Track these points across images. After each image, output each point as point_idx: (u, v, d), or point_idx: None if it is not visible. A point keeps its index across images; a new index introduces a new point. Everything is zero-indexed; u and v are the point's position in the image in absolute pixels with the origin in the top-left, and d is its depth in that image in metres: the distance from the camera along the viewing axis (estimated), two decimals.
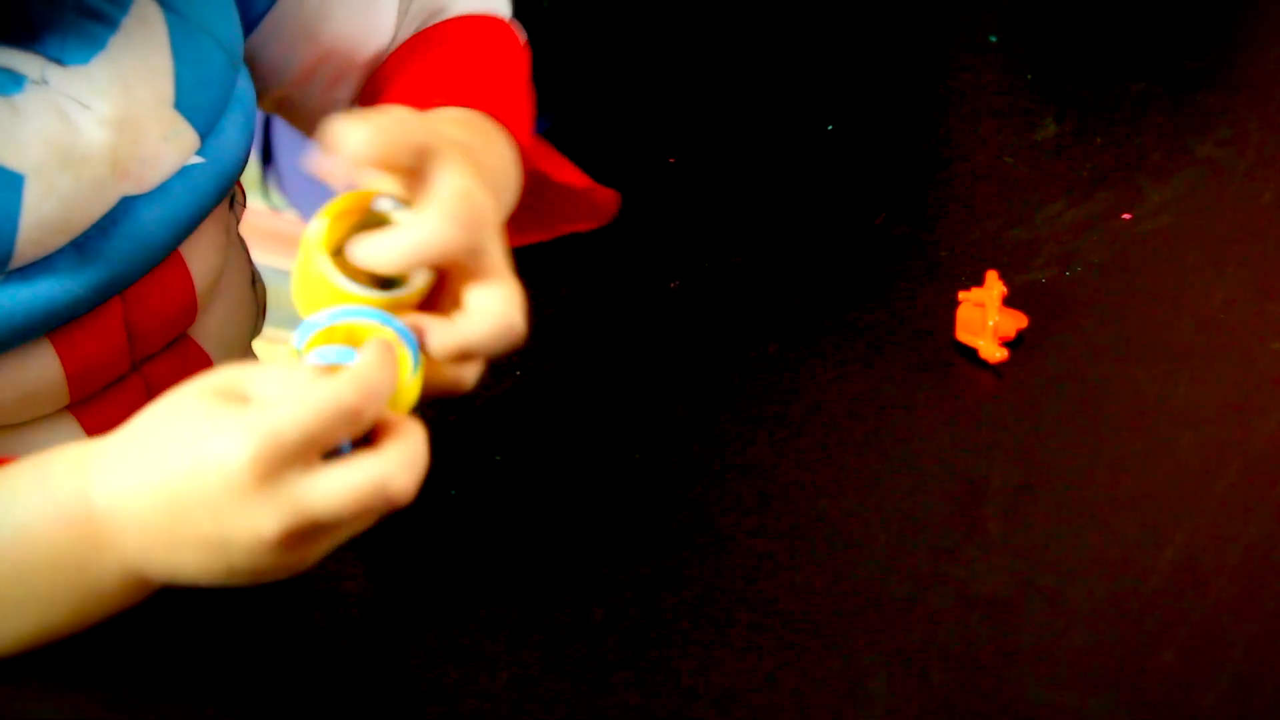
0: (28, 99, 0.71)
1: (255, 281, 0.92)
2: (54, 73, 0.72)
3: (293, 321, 0.66)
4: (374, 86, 0.86)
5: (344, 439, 0.61)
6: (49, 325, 0.74)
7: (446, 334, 0.66)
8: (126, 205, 0.75)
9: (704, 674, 0.71)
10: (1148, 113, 1.03)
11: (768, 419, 0.83)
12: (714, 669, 0.71)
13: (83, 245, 0.73)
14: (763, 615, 0.73)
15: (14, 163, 0.70)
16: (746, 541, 0.77)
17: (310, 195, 1.34)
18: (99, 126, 0.72)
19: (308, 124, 0.90)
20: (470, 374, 0.68)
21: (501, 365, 0.84)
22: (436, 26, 0.88)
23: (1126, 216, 0.95)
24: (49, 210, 0.71)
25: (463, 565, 0.76)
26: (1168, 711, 0.69)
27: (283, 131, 1.36)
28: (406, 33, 0.88)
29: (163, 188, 0.76)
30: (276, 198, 1.40)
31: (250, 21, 0.84)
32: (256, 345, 0.94)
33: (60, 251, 0.73)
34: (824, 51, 1.08)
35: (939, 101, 1.05)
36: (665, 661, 0.71)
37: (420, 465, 0.61)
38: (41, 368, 0.75)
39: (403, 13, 0.88)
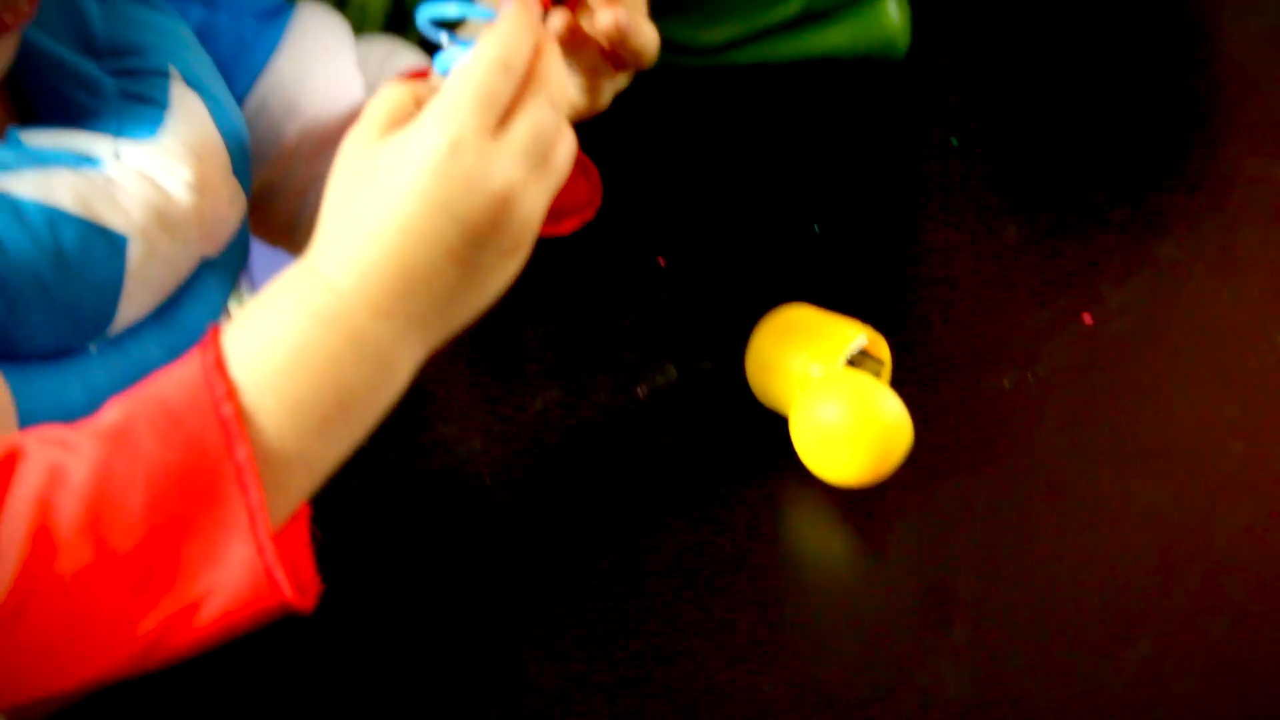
0: (119, 169, 0.74)
1: None
2: (126, 148, 0.75)
3: None
4: None
5: (508, 90, 0.66)
6: None
7: None
8: (199, 269, 0.79)
9: None
10: (1106, 215, 1.04)
11: (735, 523, 0.83)
12: None
13: (162, 312, 0.77)
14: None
15: (117, 225, 0.73)
16: (714, 649, 0.77)
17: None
18: (186, 190, 0.76)
19: (286, 211, 0.91)
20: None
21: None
22: (405, 75, 0.90)
23: (1087, 319, 0.96)
24: (150, 271, 0.75)
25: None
26: None
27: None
28: (376, 89, 0.90)
29: (225, 252, 0.80)
30: (247, 293, 1.41)
31: (236, 99, 0.87)
32: None
33: (144, 320, 0.76)
34: (796, 152, 1.09)
35: (904, 204, 1.06)
36: None
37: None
38: None
39: (368, 70, 0.91)
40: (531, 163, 0.66)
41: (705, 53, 1.04)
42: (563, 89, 0.69)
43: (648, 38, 0.77)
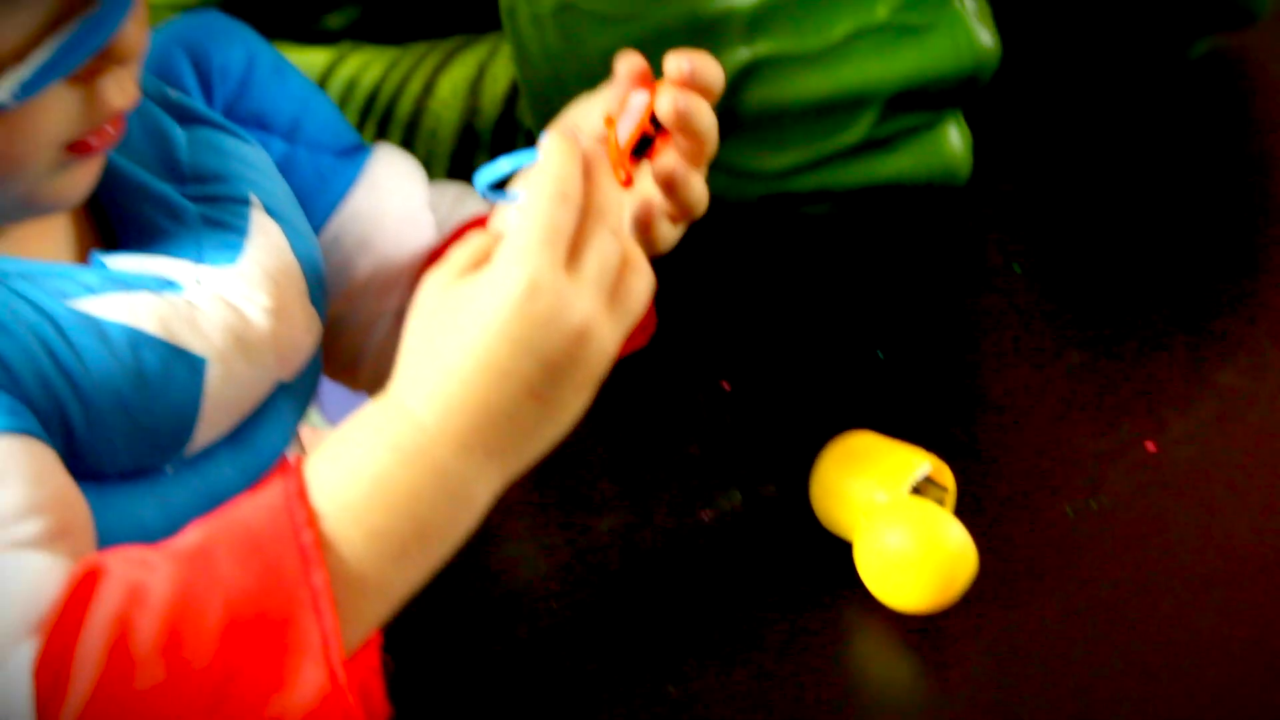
0: (199, 293, 0.76)
1: None
2: (207, 274, 0.77)
3: None
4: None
5: (570, 221, 0.68)
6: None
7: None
8: (273, 393, 0.80)
9: None
10: (1169, 342, 1.04)
11: (799, 648, 0.84)
12: None
13: (236, 434, 0.78)
14: None
15: (197, 348, 0.74)
16: None
17: (341, 406, 1.36)
18: (264, 316, 0.77)
19: (350, 346, 0.93)
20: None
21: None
22: (475, 221, 0.92)
23: (1150, 446, 0.96)
24: (227, 394, 0.76)
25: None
26: None
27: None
28: (445, 231, 0.92)
29: (299, 376, 0.81)
30: (316, 418, 1.43)
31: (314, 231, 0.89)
32: None
33: (219, 442, 0.77)
34: (859, 277, 1.11)
35: (966, 330, 1.07)
36: None
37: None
38: None
39: (439, 212, 0.92)
40: (605, 295, 0.68)
41: (767, 178, 1.05)
42: (620, 217, 0.71)
43: (697, 192, 0.79)
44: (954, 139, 1.06)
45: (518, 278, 0.66)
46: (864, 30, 1.01)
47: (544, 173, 0.69)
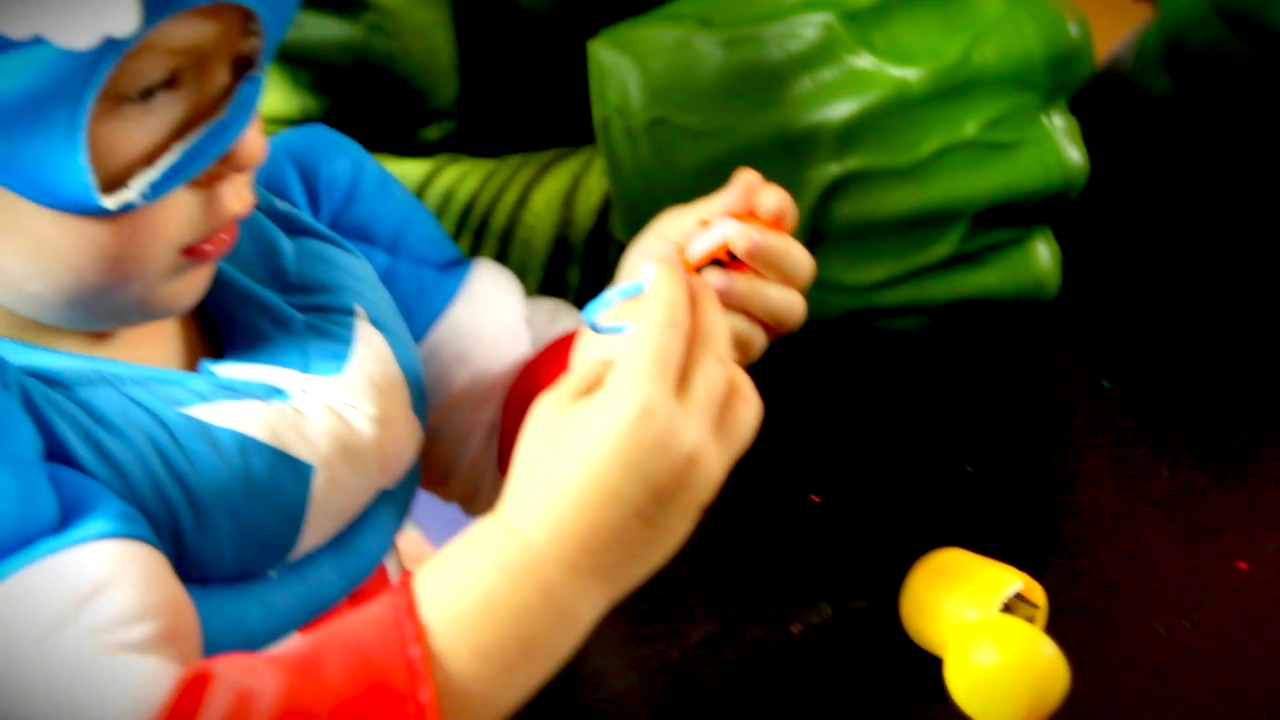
0: (305, 401, 0.77)
1: None
2: (313, 383, 0.79)
3: None
4: (520, 399, 0.91)
5: (679, 348, 0.69)
6: (310, 619, 0.78)
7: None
8: (375, 499, 0.81)
9: None
10: (1261, 459, 1.04)
11: None
12: None
13: (339, 540, 0.80)
14: None
15: (304, 454, 0.76)
16: None
17: (432, 514, 1.37)
18: (369, 424, 0.79)
19: (443, 457, 0.94)
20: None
21: None
22: (569, 337, 0.93)
23: (1243, 565, 0.95)
24: (332, 500, 0.77)
25: None
26: None
27: None
28: (540, 346, 0.94)
29: (400, 483, 0.83)
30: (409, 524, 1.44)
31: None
32: None
33: (322, 547, 0.79)
34: (948, 391, 1.11)
35: (1055, 446, 1.07)
36: None
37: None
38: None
39: (534, 328, 0.94)
40: (712, 422, 0.69)
41: (856, 292, 1.06)
42: (726, 344, 0.72)
43: (777, 307, 0.80)
44: (1042, 254, 1.07)
45: (629, 403, 0.67)
46: (953, 146, 1.02)
47: (653, 300, 0.71)
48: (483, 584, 0.67)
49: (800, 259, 0.80)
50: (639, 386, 0.67)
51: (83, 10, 0.63)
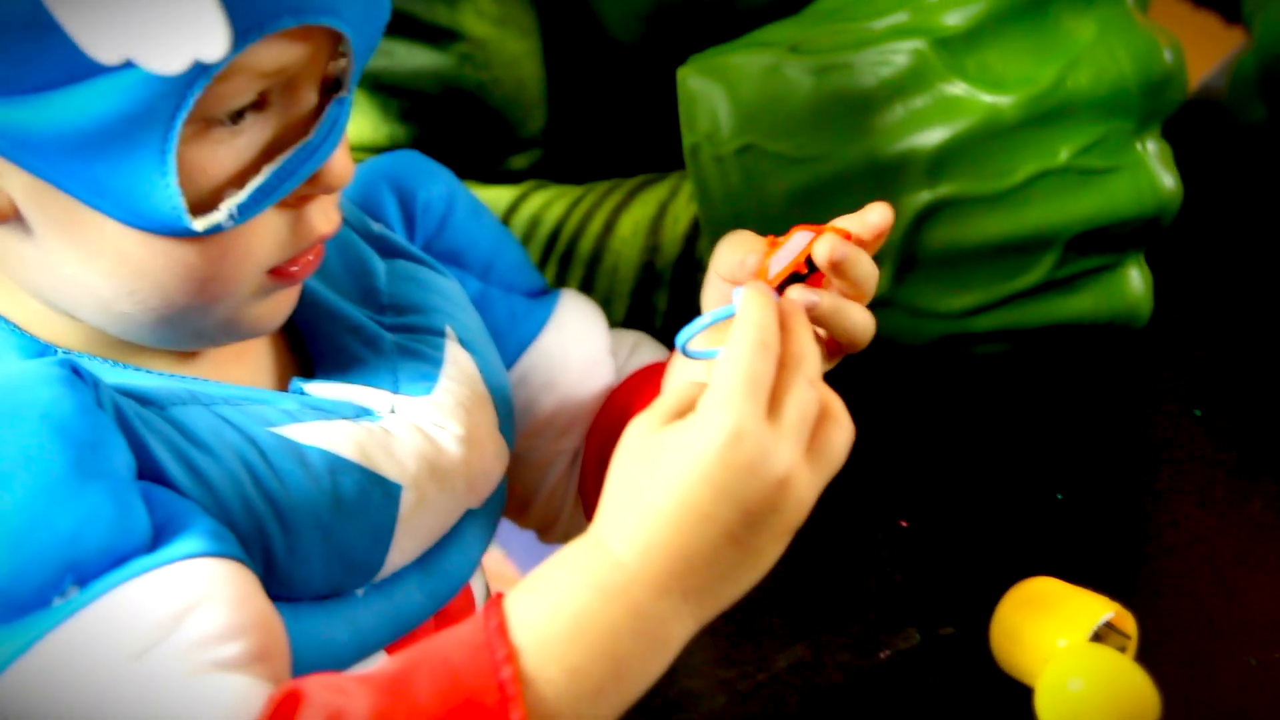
0: (394, 421, 0.78)
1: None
2: (402, 403, 0.80)
3: None
4: (603, 429, 0.91)
5: (770, 371, 0.69)
6: (396, 638, 0.79)
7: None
8: (462, 518, 0.82)
9: None
10: None
11: None
12: None
13: (425, 559, 0.80)
14: None
15: (392, 474, 0.77)
16: None
17: (516, 535, 1.38)
18: (457, 444, 0.80)
19: (526, 483, 0.95)
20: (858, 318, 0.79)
21: None
22: (651, 368, 0.93)
23: None
24: (419, 519, 0.78)
25: None
26: None
27: None
28: (623, 376, 0.94)
29: (486, 503, 0.84)
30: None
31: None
32: None
33: (409, 566, 0.79)
34: (1038, 418, 1.10)
35: (1146, 474, 1.06)
36: None
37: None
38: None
39: (618, 358, 0.94)
40: (804, 445, 0.69)
41: (947, 318, 1.05)
42: (817, 366, 0.72)
43: (853, 326, 0.79)
44: (1135, 280, 1.06)
45: (722, 425, 0.67)
46: (1046, 172, 1.01)
47: (744, 323, 0.71)
48: (574, 605, 0.67)
49: (872, 271, 0.80)
50: (731, 409, 0.67)
51: (172, 35, 0.64)
